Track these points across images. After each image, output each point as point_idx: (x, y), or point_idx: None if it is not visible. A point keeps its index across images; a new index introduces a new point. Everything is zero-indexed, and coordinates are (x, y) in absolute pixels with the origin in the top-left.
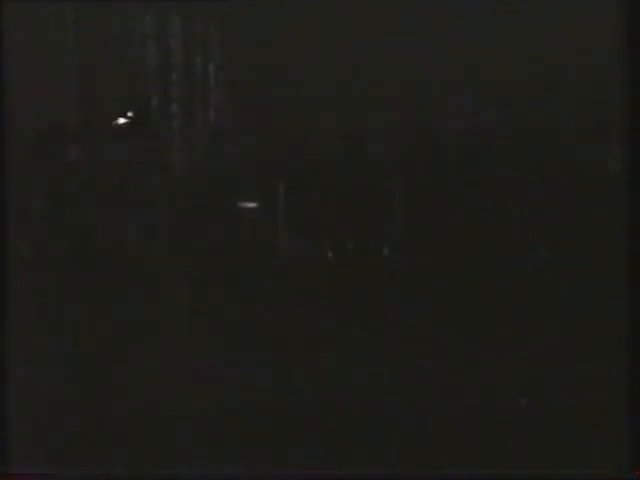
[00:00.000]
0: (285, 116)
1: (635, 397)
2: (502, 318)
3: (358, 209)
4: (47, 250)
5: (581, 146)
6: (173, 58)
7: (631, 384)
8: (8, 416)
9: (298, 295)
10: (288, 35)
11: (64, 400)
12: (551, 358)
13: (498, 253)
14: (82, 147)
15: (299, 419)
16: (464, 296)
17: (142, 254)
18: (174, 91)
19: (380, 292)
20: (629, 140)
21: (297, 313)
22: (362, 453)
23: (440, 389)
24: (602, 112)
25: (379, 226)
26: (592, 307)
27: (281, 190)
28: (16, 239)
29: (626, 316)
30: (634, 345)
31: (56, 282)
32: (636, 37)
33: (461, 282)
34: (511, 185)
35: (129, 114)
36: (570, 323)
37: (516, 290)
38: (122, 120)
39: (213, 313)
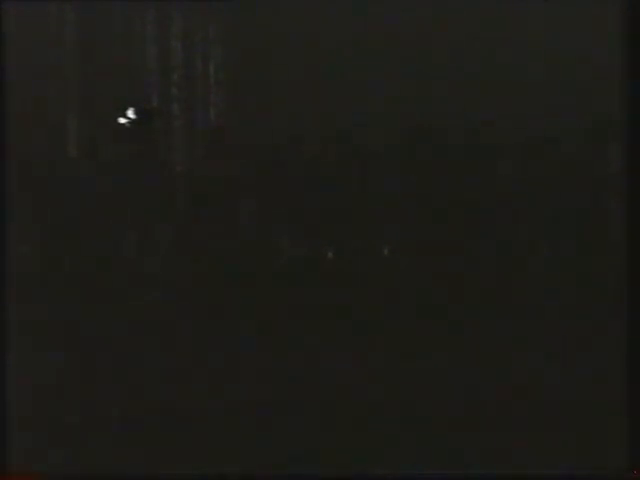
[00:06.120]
0: (285, 115)
1: (635, 397)
2: (502, 318)
3: (358, 209)
4: (47, 250)
5: (581, 146)
6: (173, 58)
7: (631, 384)
8: (8, 416)
9: (297, 295)
10: (288, 35)
11: (64, 400)
12: (551, 358)
13: (497, 253)
14: (82, 147)
15: (298, 419)
16: (463, 296)
17: (142, 254)
18: (174, 91)
19: (380, 292)
20: (629, 140)
21: (297, 312)
22: (362, 453)
23: (440, 388)
24: (602, 112)
25: (379, 226)
26: (592, 307)
27: (281, 190)
28: (16, 239)
29: (626, 316)
30: (634, 345)
31: (56, 282)
32: (636, 37)
33: (461, 282)
34: (511, 185)
35: (129, 114)
36: (570, 323)
37: (516, 289)
38: (122, 120)
39: (213, 313)
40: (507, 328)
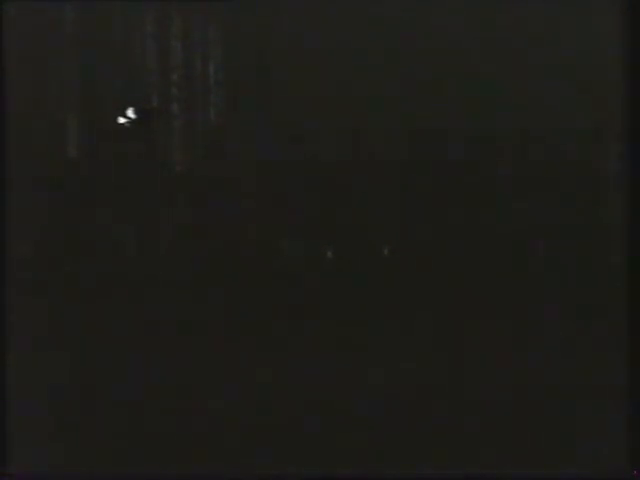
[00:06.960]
0: (285, 116)
1: (635, 397)
2: (501, 318)
3: (358, 209)
4: (47, 250)
5: (581, 146)
6: (173, 58)
7: (631, 384)
8: (8, 416)
9: (297, 295)
10: (288, 34)
11: (64, 400)
12: (551, 358)
13: (498, 253)
14: (82, 147)
15: (298, 419)
16: (464, 296)
17: (142, 254)
18: (174, 91)
19: (380, 292)
20: (629, 140)
21: (297, 313)
22: (361, 453)
23: (440, 388)
24: (602, 112)
25: (379, 226)
26: (592, 307)
27: (281, 190)
28: (16, 239)
29: (626, 316)
30: (634, 345)
31: (56, 282)
32: (636, 37)
33: (461, 282)
34: (511, 185)
35: (129, 114)
36: (570, 323)
37: (516, 290)
38: (122, 120)
39: (213, 313)
40: (507, 327)
